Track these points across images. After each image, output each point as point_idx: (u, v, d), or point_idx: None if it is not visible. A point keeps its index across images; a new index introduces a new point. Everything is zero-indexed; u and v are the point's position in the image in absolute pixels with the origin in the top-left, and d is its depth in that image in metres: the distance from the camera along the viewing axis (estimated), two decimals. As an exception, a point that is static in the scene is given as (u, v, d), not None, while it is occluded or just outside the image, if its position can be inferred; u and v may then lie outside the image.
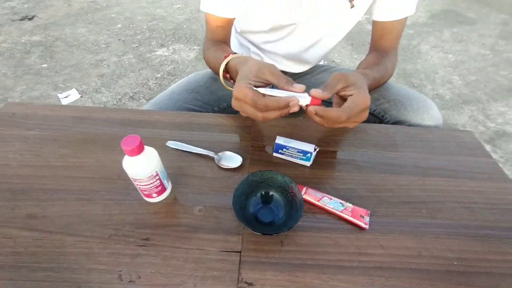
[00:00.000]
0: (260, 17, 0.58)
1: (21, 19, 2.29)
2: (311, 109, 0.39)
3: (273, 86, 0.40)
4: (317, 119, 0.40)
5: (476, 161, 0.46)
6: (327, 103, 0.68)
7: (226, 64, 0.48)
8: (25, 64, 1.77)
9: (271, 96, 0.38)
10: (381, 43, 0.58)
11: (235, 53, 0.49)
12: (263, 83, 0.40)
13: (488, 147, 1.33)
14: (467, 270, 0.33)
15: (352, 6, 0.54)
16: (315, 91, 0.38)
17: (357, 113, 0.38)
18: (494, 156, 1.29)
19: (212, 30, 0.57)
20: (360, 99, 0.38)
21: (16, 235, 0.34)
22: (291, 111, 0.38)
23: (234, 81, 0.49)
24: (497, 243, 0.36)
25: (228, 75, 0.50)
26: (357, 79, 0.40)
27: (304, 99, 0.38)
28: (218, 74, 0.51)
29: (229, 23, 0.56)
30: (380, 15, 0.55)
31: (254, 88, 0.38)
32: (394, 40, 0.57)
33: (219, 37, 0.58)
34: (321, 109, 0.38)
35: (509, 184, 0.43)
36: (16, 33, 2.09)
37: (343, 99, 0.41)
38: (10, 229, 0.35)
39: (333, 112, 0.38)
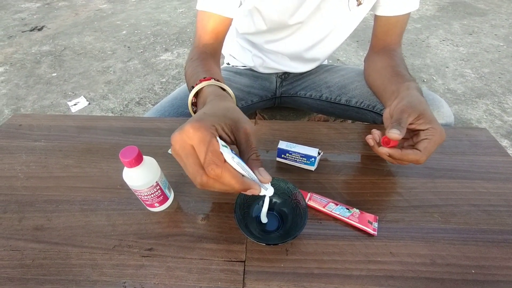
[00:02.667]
0: (266, 17, 0.56)
1: (31, 30, 2.37)
2: (385, 151, 0.36)
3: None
4: (386, 157, 0.38)
5: (492, 160, 0.44)
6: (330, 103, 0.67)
7: (201, 88, 0.38)
8: (35, 74, 1.83)
9: (232, 166, 0.26)
10: (386, 39, 0.56)
11: (217, 80, 0.40)
12: (229, 138, 0.29)
13: (505, 142, 1.28)
14: (486, 279, 0.31)
15: (360, 4, 0.53)
16: (394, 134, 0.34)
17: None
18: (512, 151, 1.23)
19: (203, 34, 0.51)
20: (437, 138, 0.35)
21: (24, 247, 0.34)
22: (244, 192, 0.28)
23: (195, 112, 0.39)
24: (518, 249, 0.33)
25: (195, 100, 0.40)
26: (425, 108, 0.36)
27: (264, 192, 0.29)
28: (189, 89, 0.42)
29: (225, 26, 0.52)
30: (386, 10, 0.53)
31: (220, 141, 0.27)
32: (399, 36, 0.56)
33: (210, 43, 0.51)
34: (398, 153, 0.35)
35: (529, 185, 0.40)
36: (27, 44, 2.17)
37: (411, 129, 0.38)
38: (18, 241, 0.35)
39: (411, 156, 0.35)
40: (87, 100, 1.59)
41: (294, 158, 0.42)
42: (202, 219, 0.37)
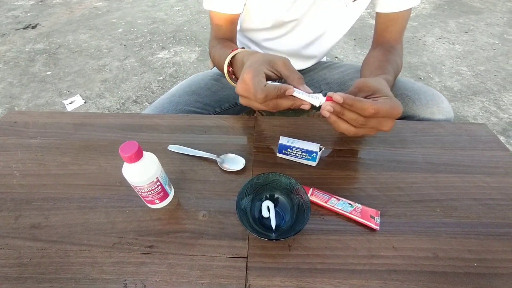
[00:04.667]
0: (262, 14, 0.56)
1: (25, 28, 2.33)
2: (338, 97, 0.33)
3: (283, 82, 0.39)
4: (341, 126, 0.36)
5: (492, 155, 0.44)
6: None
7: (233, 57, 0.46)
8: (30, 72, 1.80)
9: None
10: (385, 36, 0.56)
11: (243, 47, 0.48)
12: (275, 74, 0.39)
13: (501, 139, 1.29)
14: (488, 272, 0.31)
15: (355, 0, 0.53)
16: (333, 93, 0.35)
17: (385, 116, 0.34)
18: (509, 148, 1.25)
19: (217, 28, 0.56)
20: (394, 105, 0.35)
21: (21, 246, 0.34)
22: (293, 106, 0.37)
23: (237, 77, 0.47)
24: (519, 242, 0.34)
25: (231, 69, 0.47)
26: (382, 87, 0.37)
27: (316, 100, 0.36)
28: (222, 71, 0.49)
29: (234, 19, 0.55)
30: (385, 7, 0.53)
31: (270, 82, 0.37)
32: (399, 33, 0.55)
33: (225, 34, 0.57)
34: (350, 98, 0.33)
35: (528, 179, 0.40)
36: (20, 42, 2.13)
37: None
38: (14, 239, 0.34)
39: (363, 102, 0.33)
40: (83, 99, 1.57)
41: (296, 153, 0.41)
42: (203, 216, 0.36)
